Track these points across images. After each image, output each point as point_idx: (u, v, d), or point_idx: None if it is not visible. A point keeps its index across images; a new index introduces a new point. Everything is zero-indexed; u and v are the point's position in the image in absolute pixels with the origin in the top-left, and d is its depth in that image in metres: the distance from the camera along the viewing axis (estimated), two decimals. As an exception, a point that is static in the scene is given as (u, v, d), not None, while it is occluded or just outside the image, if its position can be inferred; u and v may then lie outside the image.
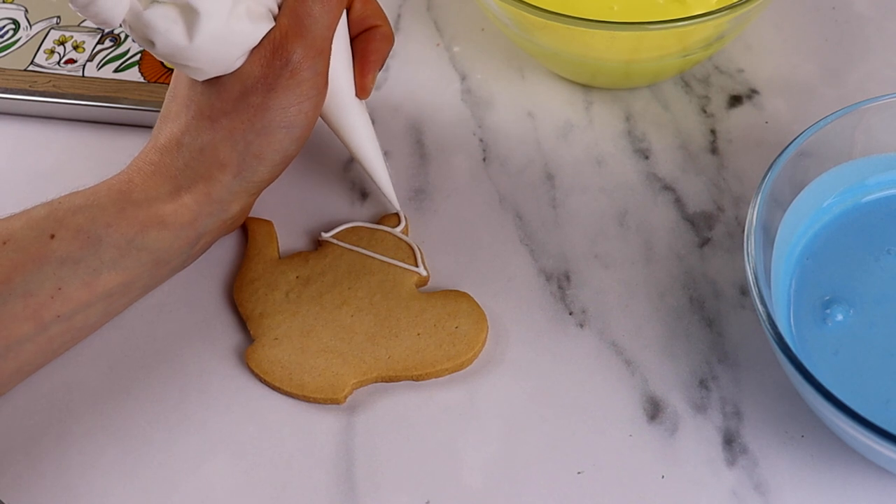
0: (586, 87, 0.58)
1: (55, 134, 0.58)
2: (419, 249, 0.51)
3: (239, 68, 0.45)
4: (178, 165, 0.46)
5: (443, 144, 0.56)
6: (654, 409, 0.46)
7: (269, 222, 0.52)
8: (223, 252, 0.52)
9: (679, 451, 0.45)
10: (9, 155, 0.57)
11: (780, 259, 0.46)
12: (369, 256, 0.51)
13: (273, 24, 0.45)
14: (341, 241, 0.51)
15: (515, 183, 0.54)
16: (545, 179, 0.55)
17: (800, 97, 0.57)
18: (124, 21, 0.43)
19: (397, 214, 0.52)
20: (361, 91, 0.50)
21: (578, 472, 0.44)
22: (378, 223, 0.52)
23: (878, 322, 0.45)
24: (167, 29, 0.43)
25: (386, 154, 0.56)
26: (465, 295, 0.49)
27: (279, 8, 0.45)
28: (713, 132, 0.56)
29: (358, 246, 0.51)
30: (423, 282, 0.50)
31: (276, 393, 0.47)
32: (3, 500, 0.44)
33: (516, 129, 0.57)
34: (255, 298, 0.50)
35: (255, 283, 0.50)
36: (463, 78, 0.60)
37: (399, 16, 0.63)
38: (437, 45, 0.61)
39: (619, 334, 0.48)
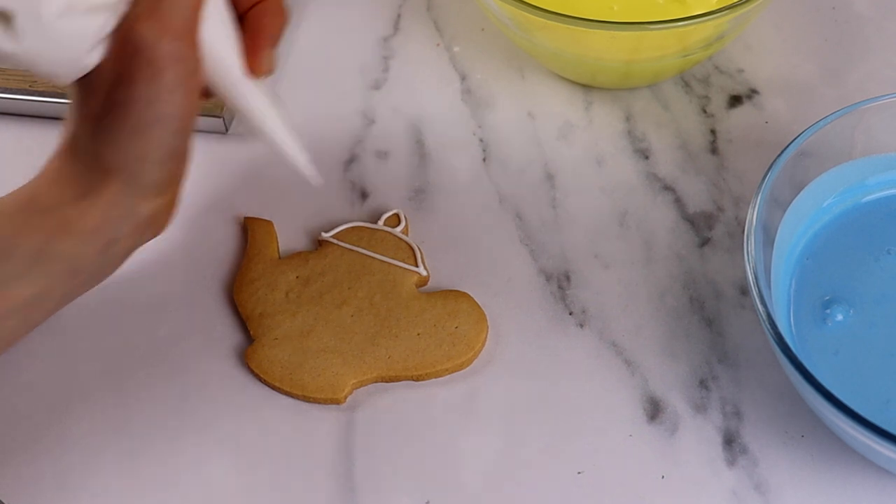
0: (586, 87, 0.58)
1: (55, 134, 0.58)
2: (419, 249, 0.51)
3: (98, 65, 0.41)
4: (78, 169, 0.43)
5: (443, 144, 0.56)
6: (654, 409, 0.46)
7: (269, 222, 0.52)
8: (223, 252, 0.52)
9: (679, 451, 0.45)
10: (9, 155, 0.57)
11: (780, 259, 0.46)
12: (369, 256, 0.51)
13: (114, 11, 0.40)
14: (341, 241, 0.51)
15: (515, 183, 0.54)
16: (545, 179, 0.55)
17: (800, 97, 0.57)
18: None
19: (397, 214, 0.52)
20: (253, 70, 0.44)
21: (578, 472, 0.44)
22: (378, 223, 0.52)
23: (878, 322, 0.45)
24: None
25: (386, 154, 0.56)
26: (465, 295, 0.49)
27: None
28: (713, 132, 0.56)
29: (358, 246, 0.51)
30: (423, 282, 0.50)
31: (276, 393, 0.47)
32: (3, 501, 0.44)
33: (516, 129, 0.57)
34: (255, 298, 0.50)
35: (255, 283, 0.50)
36: (463, 78, 0.60)
37: (399, 16, 0.63)
38: (437, 45, 0.61)
39: (619, 334, 0.48)
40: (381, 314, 0.49)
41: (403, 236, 0.51)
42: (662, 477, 0.44)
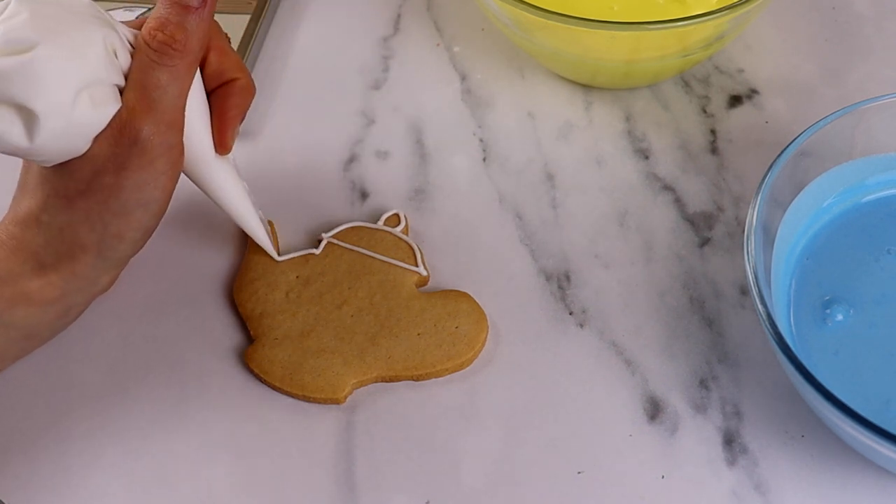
0: (586, 87, 0.58)
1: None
2: (419, 249, 0.51)
3: (88, 150, 0.43)
4: (40, 242, 0.44)
5: (443, 144, 0.56)
6: (654, 409, 0.46)
7: (269, 222, 0.52)
8: (223, 252, 0.52)
9: (679, 451, 0.45)
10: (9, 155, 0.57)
11: (780, 259, 0.46)
12: (369, 256, 0.51)
13: (119, 103, 0.42)
14: (341, 241, 0.51)
15: (515, 183, 0.54)
16: (545, 179, 0.55)
17: (800, 97, 0.57)
18: None
19: (397, 214, 0.52)
20: (221, 147, 0.47)
21: (578, 472, 0.44)
22: (378, 223, 0.52)
23: (878, 322, 0.45)
24: (4, 130, 0.40)
25: (386, 154, 0.56)
26: (465, 295, 0.49)
27: (126, 79, 0.43)
28: (713, 132, 0.56)
29: (358, 246, 0.51)
30: (423, 282, 0.50)
31: (276, 393, 0.47)
32: (3, 500, 0.44)
33: (516, 129, 0.57)
34: (255, 298, 0.50)
35: (255, 283, 0.50)
36: (463, 78, 0.60)
37: (399, 16, 0.63)
38: (437, 45, 0.61)
39: (619, 334, 0.48)
40: (382, 314, 0.49)
41: (403, 236, 0.51)
42: (662, 477, 0.44)
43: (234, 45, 0.61)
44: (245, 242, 0.52)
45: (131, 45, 0.43)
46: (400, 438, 0.46)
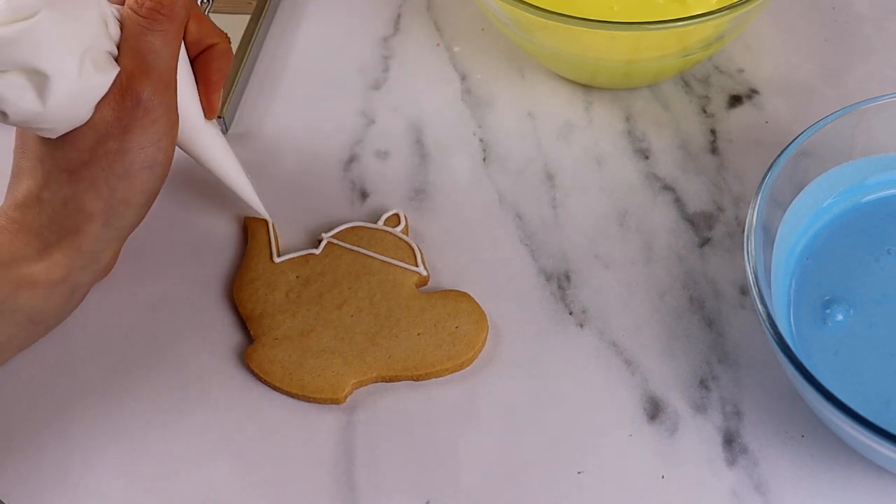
0: (586, 87, 0.58)
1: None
2: (419, 249, 0.51)
3: (91, 117, 0.44)
4: (43, 221, 0.45)
5: (443, 144, 0.56)
6: (654, 409, 0.46)
7: (269, 223, 0.52)
8: (223, 252, 0.52)
9: (679, 451, 0.45)
10: (8, 155, 0.57)
11: (780, 259, 0.46)
12: (369, 256, 0.51)
13: (117, 68, 0.43)
14: (341, 241, 0.51)
15: (515, 183, 0.54)
16: (545, 179, 0.55)
17: (800, 97, 0.57)
18: None
19: (397, 214, 0.52)
20: (209, 111, 0.49)
21: (578, 472, 0.44)
22: (378, 223, 0.52)
23: (878, 322, 0.45)
24: (18, 97, 0.41)
25: (386, 154, 0.56)
26: (465, 295, 0.49)
27: (118, 49, 0.44)
28: (713, 132, 0.56)
29: (358, 246, 0.51)
30: (423, 282, 0.50)
31: (276, 393, 0.47)
32: (3, 500, 0.44)
33: (516, 129, 0.57)
34: (255, 298, 0.50)
35: (255, 283, 0.50)
36: (463, 78, 0.60)
37: (399, 16, 0.63)
38: (437, 45, 0.61)
39: (619, 334, 0.48)
40: (382, 314, 0.49)
41: (403, 236, 0.51)
42: (662, 477, 0.44)
43: (234, 45, 0.61)
44: (245, 242, 0.52)
45: (117, 19, 0.44)
46: (400, 438, 0.46)
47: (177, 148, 0.48)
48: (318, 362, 0.47)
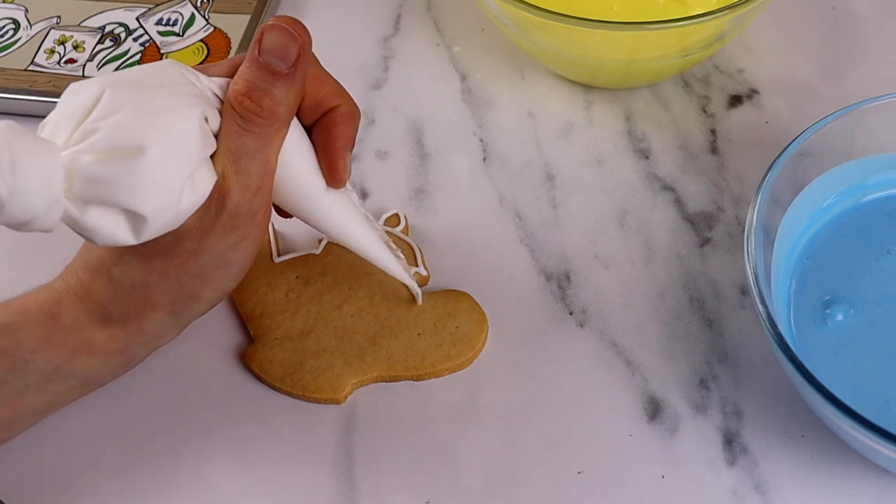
0: (586, 87, 0.58)
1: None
2: (419, 249, 0.51)
3: None
4: (109, 296, 0.43)
5: (443, 144, 0.56)
6: (654, 409, 0.46)
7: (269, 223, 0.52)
8: (223, 252, 0.52)
9: (679, 451, 0.45)
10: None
11: (780, 259, 0.46)
12: (369, 256, 0.50)
13: (215, 176, 0.40)
14: (341, 241, 0.51)
15: (515, 183, 0.54)
16: (545, 179, 0.55)
17: (800, 97, 0.57)
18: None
19: (397, 214, 0.52)
20: (334, 181, 0.44)
21: (578, 472, 0.44)
22: (378, 223, 0.52)
23: (878, 322, 0.45)
24: (110, 230, 0.38)
25: (386, 154, 0.56)
26: (465, 295, 0.49)
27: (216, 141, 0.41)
28: (713, 132, 0.56)
29: (358, 246, 0.51)
30: (423, 282, 0.50)
31: (276, 393, 0.47)
32: (3, 501, 0.44)
33: (516, 129, 0.57)
34: (256, 298, 0.50)
35: (255, 283, 0.50)
36: (463, 78, 0.60)
37: (399, 16, 0.63)
38: (437, 45, 0.61)
39: (619, 334, 0.48)
40: (382, 314, 0.49)
41: (403, 236, 0.51)
42: (662, 477, 0.44)
43: (234, 45, 0.61)
44: (245, 242, 0.52)
45: (218, 98, 0.41)
46: (400, 438, 0.46)
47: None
48: (318, 362, 0.47)
